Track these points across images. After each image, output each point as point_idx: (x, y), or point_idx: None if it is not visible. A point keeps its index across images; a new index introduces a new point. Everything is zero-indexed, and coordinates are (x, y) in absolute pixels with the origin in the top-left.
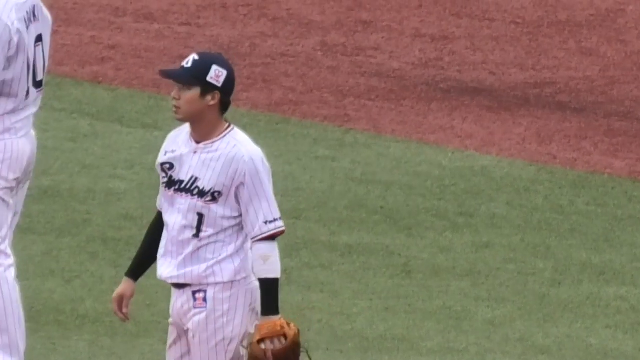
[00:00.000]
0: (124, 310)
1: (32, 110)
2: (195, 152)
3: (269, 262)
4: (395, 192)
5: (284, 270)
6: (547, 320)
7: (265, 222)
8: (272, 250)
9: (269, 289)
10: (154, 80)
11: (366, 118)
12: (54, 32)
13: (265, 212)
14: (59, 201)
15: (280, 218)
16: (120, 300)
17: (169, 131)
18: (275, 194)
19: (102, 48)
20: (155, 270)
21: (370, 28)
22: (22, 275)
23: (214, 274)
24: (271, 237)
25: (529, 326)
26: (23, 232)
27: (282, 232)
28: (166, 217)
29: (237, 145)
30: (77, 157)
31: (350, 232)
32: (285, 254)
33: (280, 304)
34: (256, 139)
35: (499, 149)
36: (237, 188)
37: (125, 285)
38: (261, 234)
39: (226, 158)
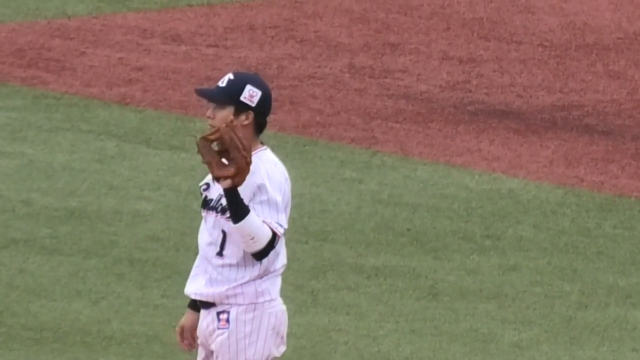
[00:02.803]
0: (185, 341)
1: None
2: None
3: (258, 232)
4: (422, 215)
5: (310, 292)
6: (574, 343)
7: (279, 224)
8: (265, 238)
9: (237, 205)
10: (181, 101)
11: (393, 140)
12: (82, 54)
13: (273, 215)
14: (85, 222)
15: (282, 225)
16: (181, 332)
17: (195, 153)
18: (302, 216)
19: (129, 69)
20: (182, 291)
21: (398, 50)
22: (49, 296)
23: (235, 295)
24: (273, 239)
25: (555, 349)
26: (50, 253)
27: (277, 235)
28: (199, 236)
29: (259, 164)
30: (104, 179)
31: (377, 254)
32: (311, 276)
33: (306, 326)
34: (283, 161)
35: (526, 171)
36: (250, 201)
37: (186, 316)
38: (270, 226)
39: (248, 176)
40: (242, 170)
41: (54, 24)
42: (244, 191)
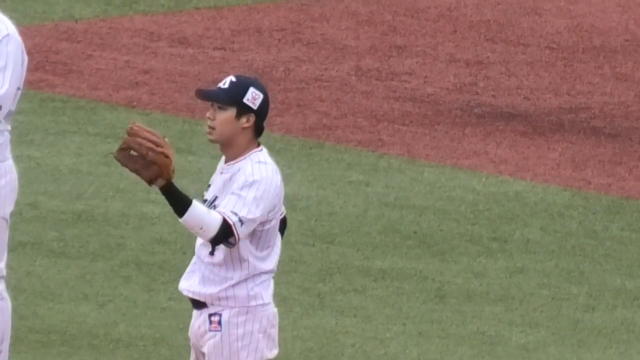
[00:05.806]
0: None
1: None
2: (222, 173)
3: (205, 220)
4: (428, 217)
5: (317, 295)
6: (581, 346)
7: (233, 212)
8: (214, 226)
9: (176, 201)
10: (188, 104)
11: (400, 143)
12: (89, 57)
13: (237, 205)
14: (92, 225)
15: (241, 222)
16: None
17: (202, 156)
18: (309, 219)
19: (136, 72)
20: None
21: (405, 53)
22: (56, 299)
23: (227, 298)
24: (225, 225)
25: (562, 351)
26: (57, 256)
27: (234, 235)
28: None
29: (248, 163)
30: (111, 182)
31: (384, 256)
32: (318, 279)
33: (313, 329)
34: (290, 164)
35: (533, 174)
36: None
37: None
38: (223, 214)
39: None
40: (164, 165)
41: (60, 27)
42: (227, 189)
